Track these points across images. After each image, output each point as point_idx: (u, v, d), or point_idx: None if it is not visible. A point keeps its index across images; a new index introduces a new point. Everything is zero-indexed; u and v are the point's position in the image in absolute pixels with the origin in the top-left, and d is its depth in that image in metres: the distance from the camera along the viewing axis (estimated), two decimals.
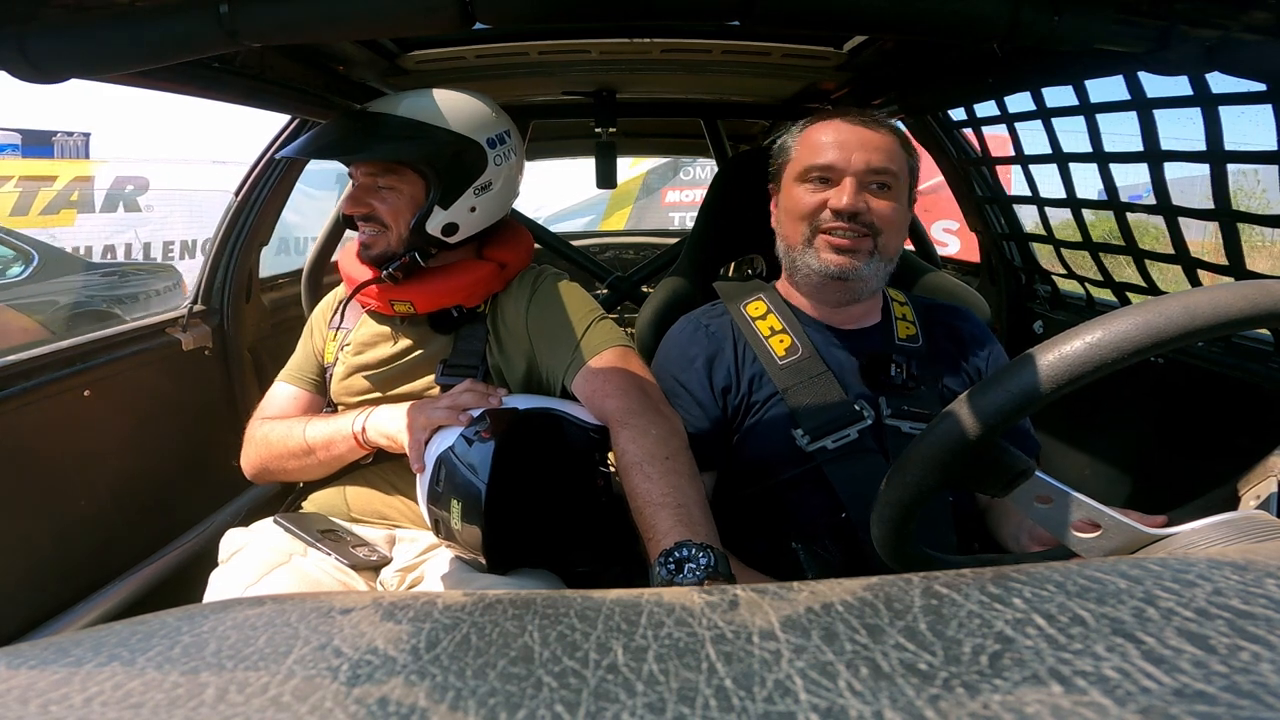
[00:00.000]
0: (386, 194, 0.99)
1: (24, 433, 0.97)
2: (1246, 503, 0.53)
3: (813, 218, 0.90)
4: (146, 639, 0.26)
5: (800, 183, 0.92)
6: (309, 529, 0.95)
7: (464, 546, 0.85)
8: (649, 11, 0.80)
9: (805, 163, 0.91)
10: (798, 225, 0.92)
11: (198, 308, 1.38)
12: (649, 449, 0.81)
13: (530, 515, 0.87)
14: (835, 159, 0.89)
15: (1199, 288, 0.44)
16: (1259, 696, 0.19)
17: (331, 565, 0.92)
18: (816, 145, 0.91)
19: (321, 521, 1.00)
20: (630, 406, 0.87)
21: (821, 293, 0.93)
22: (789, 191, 0.94)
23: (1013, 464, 0.49)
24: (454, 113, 0.99)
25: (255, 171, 1.42)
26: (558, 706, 0.20)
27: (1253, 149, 0.93)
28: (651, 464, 0.79)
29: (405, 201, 0.99)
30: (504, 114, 1.04)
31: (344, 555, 0.92)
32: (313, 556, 0.93)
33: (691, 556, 0.67)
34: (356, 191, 1.01)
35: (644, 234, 2.87)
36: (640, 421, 0.85)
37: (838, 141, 0.90)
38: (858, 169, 0.88)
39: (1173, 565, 0.26)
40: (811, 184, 0.91)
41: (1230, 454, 0.59)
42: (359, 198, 1.00)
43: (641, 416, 0.86)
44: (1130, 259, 1.23)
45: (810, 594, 0.26)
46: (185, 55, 0.72)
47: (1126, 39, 0.74)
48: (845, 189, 0.88)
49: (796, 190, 0.92)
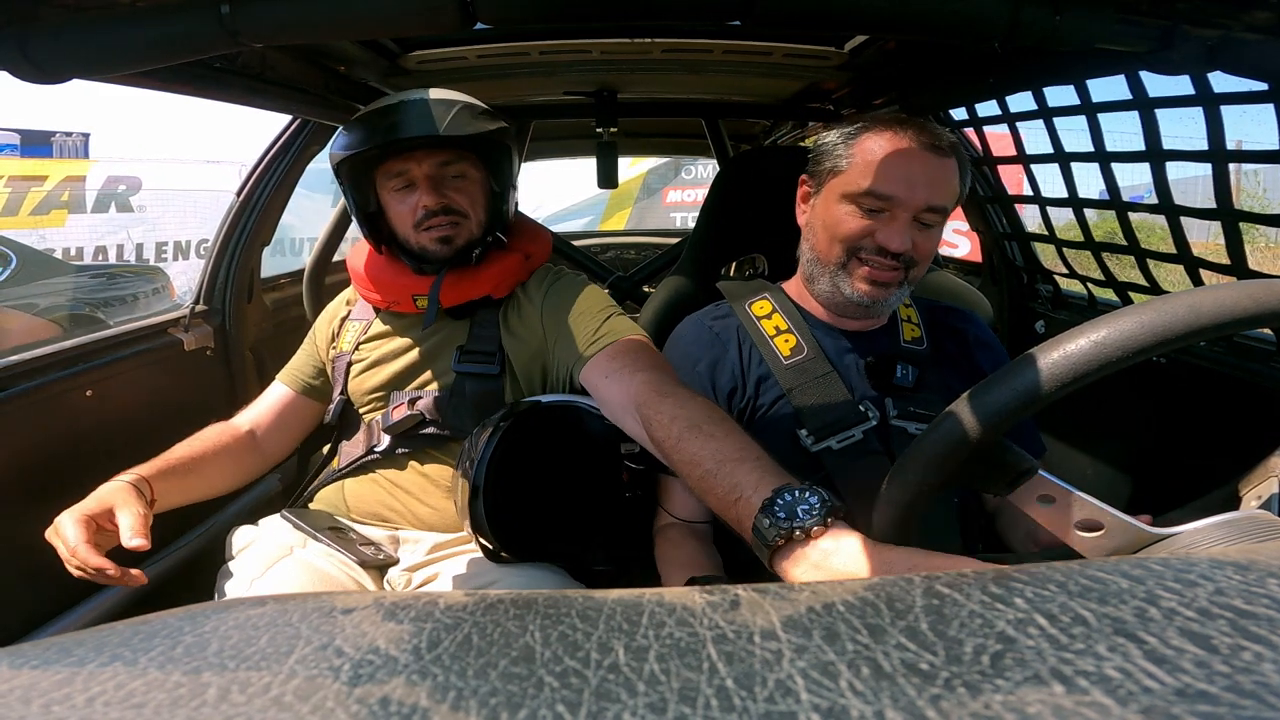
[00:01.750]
0: (460, 183, 1.01)
1: (27, 433, 0.97)
2: (1248, 502, 0.53)
3: (854, 244, 0.85)
4: (148, 639, 0.26)
5: (847, 201, 0.84)
6: (316, 525, 0.96)
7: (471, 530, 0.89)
8: (649, 11, 0.80)
9: (861, 184, 0.83)
10: (835, 246, 0.86)
11: (199, 308, 1.38)
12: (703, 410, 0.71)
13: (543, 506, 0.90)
14: (898, 193, 0.81)
15: (1203, 287, 0.44)
16: (1261, 696, 0.19)
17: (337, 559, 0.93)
18: (878, 168, 0.82)
19: (328, 519, 1.00)
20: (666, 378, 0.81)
21: (840, 310, 0.91)
22: (831, 206, 0.86)
23: (1016, 463, 0.48)
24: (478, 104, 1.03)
25: (257, 171, 1.42)
26: (559, 706, 0.20)
27: (1254, 148, 0.93)
28: (711, 424, 0.68)
29: (478, 188, 1.03)
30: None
31: (351, 552, 0.92)
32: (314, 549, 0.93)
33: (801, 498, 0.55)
34: (429, 185, 0.99)
35: (645, 234, 2.87)
36: (680, 391, 0.77)
37: (903, 171, 0.81)
38: (917, 206, 0.82)
39: (1175, 565, 0.26)
40: (862, 208, 0.84)
41: (1232, 454, 0.59)
42: (437, 189, 0.99)
43: (680, 386, 0.79)
44: (1132, 259, 1.23)
45: (811, 594, 0.26)
46: (186, 55, 0.72)
47: (1128, 38, 0.74)
48: (899, 228, 0.82)
49: (840, 209, 0.85)
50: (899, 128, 0.84)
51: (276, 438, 1.10)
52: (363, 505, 1.03)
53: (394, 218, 1.03)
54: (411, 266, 1.04)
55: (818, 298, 0.93)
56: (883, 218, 0.83)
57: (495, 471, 0.84)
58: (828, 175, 0.87)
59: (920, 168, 0.82)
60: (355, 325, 1.10)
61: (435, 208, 0.99)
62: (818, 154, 0.90)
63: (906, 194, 0.81)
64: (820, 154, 0.90)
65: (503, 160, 1.04)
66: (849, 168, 0.85)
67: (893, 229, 0.82)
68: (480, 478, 0.84)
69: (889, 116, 0.86)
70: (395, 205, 1.02)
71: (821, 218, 0.88)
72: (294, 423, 1.11)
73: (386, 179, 1.01)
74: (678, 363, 0.93)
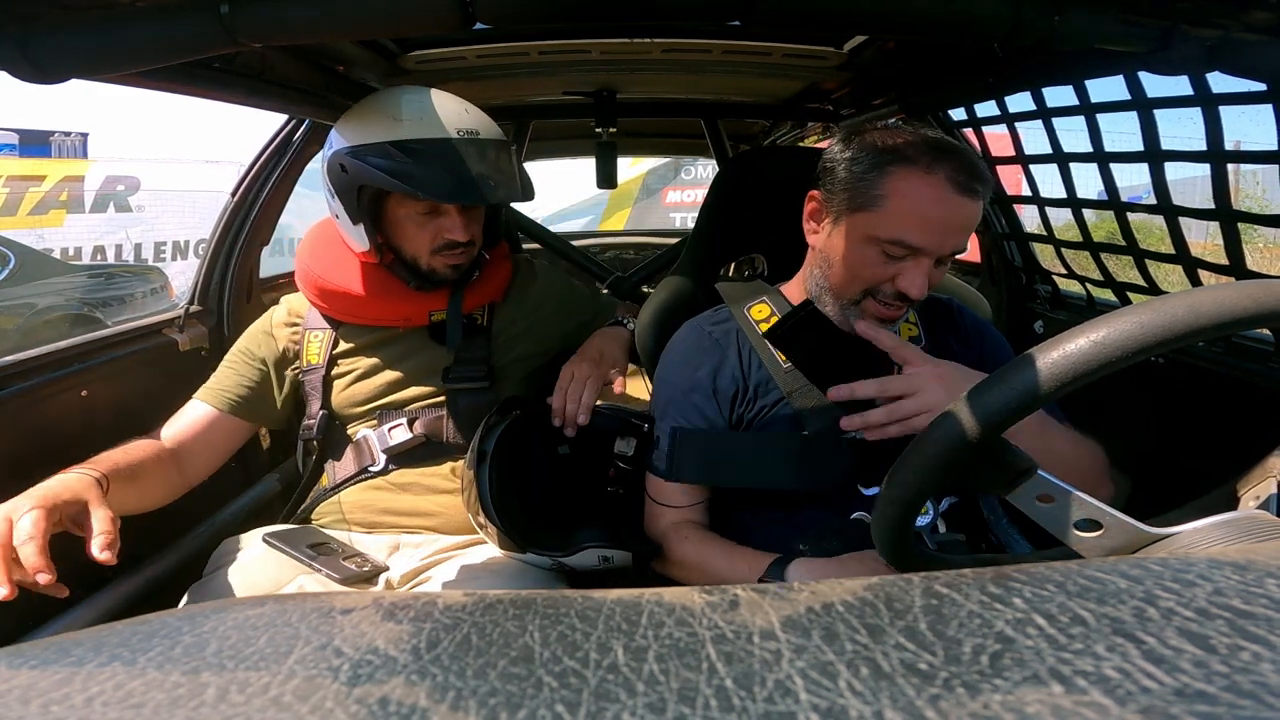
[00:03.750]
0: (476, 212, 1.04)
1: (22, 433, 0.97)
2: (1246, 503, 0.53)
3: (873, 286, 0.82)
4: (147, 639, 0.26)
5: (872, 245, 0.80)
6: (298, 545, 0.93)
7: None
8: (649, 11, 0.80)
9: (895, 234, 0.78)
10: (853, 285, 0.83)
11: (194, 308, 1.38)
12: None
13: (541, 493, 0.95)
14: (929, 244, 0.78)
15: (1203, 287, 0.44)
16: (1259, 696, 0.19)
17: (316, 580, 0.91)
18: (912, 218, 0.77)
19: (312, 535, 0.99)
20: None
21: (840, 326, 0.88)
22: (854, 242, 0.81)
23: (1015, 462, 0.49)
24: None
25: (253, 171, 1.42)
26: (558, 706, 0.20)
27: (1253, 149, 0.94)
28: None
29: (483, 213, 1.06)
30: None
31: (334, 570, 0.91)
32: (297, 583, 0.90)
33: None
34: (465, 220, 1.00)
35: (644, 234, 2.87)
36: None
37: (941, 223, 0.77)
38: (944, 253, 0.79)
39: (1173, 565, 0.26)
40: (885, 254, 0.80)
41: (1230, 454, 0.59)
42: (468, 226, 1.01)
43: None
44: (1131, 259, 1.23)
45: (810, 594, 0.26)
46: (186, 55, 0.72)
47: (1127, 39, 0.74)
48: (921, 276, 0.79)
49: (864, 251, 0.81)
50: (933, 165, 0.77)
51: (201, 458, 1.01)
52: (362, 514, 1.02)
53: (404, 236, 1.01)
54: (411, 284, 1.04)
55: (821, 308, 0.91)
56: (905, 264, 0.79)
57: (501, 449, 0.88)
58: (852, 208, 0.81)
59: (957, 215, 0.78)
60: (317, 337, 1.06)
61: (466, 240, 1.01)
62: (838, 178, 0.83)
63: (937, 245, 0.78)
64: (842, 181, 0.82)
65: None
66: (882, 210, 0.79)
67: (914, 277, 0.79)
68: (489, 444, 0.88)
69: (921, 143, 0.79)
70: (411, 227, 1.00)
71: (841, 252, 0.83)
72: (220, 443, 1.04)
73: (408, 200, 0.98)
74: (679, 369, 0.93)
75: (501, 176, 0.99)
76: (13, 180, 6.83)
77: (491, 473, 0.86)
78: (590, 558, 0.88)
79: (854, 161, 0.81)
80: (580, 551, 0.87)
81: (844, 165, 0.82)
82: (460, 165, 0.95)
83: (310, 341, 1.07)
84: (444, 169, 0.95)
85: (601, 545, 0.87)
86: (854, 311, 0.84)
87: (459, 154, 0.96)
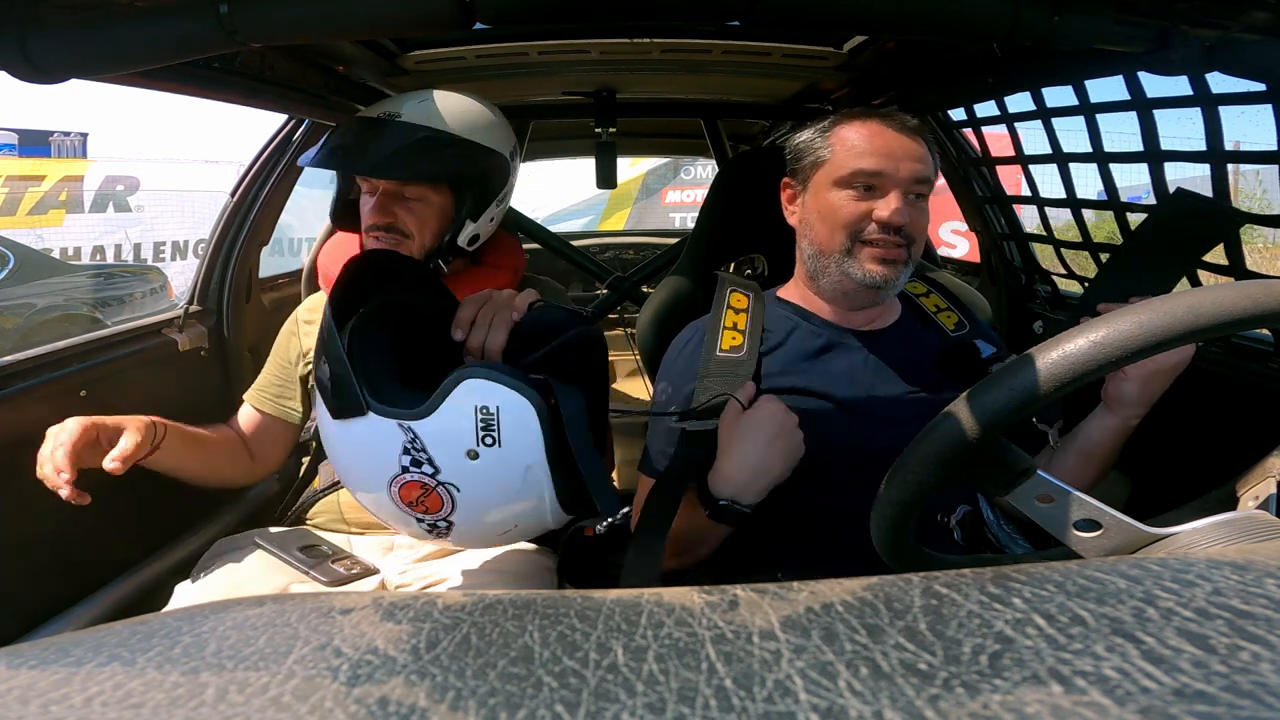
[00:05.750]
0: (415, 205, 0.99)
1: (21, 433, 0.97)
2: (1245, 503, 0.53)
3: (855, 226, 0.85)
4: (146, 639, 0.26)
5: (840, 188, 0.86)
6: (288, 547, 0.94)
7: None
8: (649, 11, 0.81)
9: (848, 167, 0.85)
10: (836, 233, 0.86)
11: (194, 308, 1.38)
12: None
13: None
14: (884, 167, 0.84)
15: (1202, 287, 0.44)
16: (1259, 696, 0.19)
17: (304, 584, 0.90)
18: (859, 150, 0.85)
19: (304, 537, 0.98)
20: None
21: (850, 299, 0.90)
22: (823, 196, 0.88)
23: (1015, 462, 0.49)
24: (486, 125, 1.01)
25: (251, 172, 1.42)
26: (558, 706, 0.20)
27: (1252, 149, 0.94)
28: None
29: (433, 212, 1.00)
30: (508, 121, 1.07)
31: (323, 573, 0.91)
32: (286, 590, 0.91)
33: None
34: (382, 200, 0.99)
35: (644, 234, 2.87)
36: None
37: (884, 149, 0.84)
38: (904, 179, 0.84)
39: (1172, 565, 0.26)
40: (854, 190, 0.85)
41: (1230, 454, 0.59)
42: (385, 207, 0.98)
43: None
44: None
45: (810, 594, 0.26)
46: (185, 55, 0.72)
47: (1127, 39, 0.74)
48: (894, 201, 0.83)
49: (834, 196, 0.86)
50: (867, 115, 0.88)
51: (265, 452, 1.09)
52: (357, 515, 1.02)
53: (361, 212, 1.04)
54: None
55: (825, 292, 0.92)
56: (876, 195, 0.85)
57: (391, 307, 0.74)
58: (811, 169, 0.90)
59: (899, 144, 0.85)
60: None
61: (379, 224, 0.99)
62: (796, 153, 0.93)
63: (893, 167, 0.84)
64: (799, 152, 0.92)
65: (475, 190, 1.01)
66: (832, 156, 0.87)
67: (889, 202, 0.83)
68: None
69: (857, 109, 0.90)
70: (362, 203, 1.03)
71: (816, 210, 0.89)
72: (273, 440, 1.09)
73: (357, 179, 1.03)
74: (681, 369, 0.92)
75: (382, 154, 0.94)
76: (12, 180, 6.83)
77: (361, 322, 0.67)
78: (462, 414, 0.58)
79: (804, 135, 0.92)
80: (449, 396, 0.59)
81: (799, 145, 0.92)
82: (347, 138, 0.98)
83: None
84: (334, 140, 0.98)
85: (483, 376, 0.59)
86: (853, 264, 0.86)
87: (357, 130, 0.98)
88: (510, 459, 0.60)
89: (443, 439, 0.60)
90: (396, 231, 0.99)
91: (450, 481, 0.61)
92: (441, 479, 0.61)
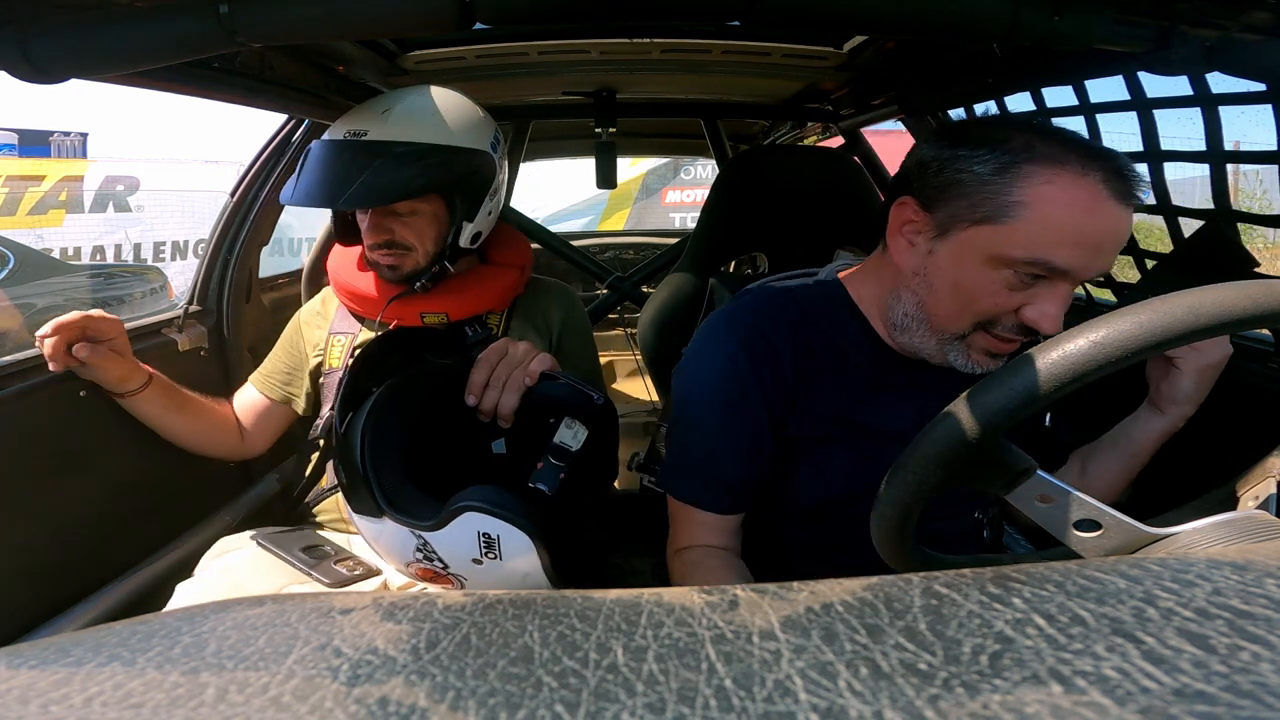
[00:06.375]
0: (408, 218, 0.99)
1: (20, 433, 0.97)
2: (1246, 503, 0.53)
3: (991, 317, 0.66)
4: (146, 639, 0.26)
5: (1001, 267, 0.63)
6: (290, 547, 0.94)
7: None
8: (649, 11, 0.80)
9: (1036, 250, 0.61)
10: (965, 317, 0.67)
11: (194, 308, 1.38)
12: None
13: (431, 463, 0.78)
14: (1078, 266, 0.61)
15: (1201, 286, 0.44)
16: (1259, 696, 0.19)
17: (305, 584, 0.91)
18: (1064, 235, 0.60)
19: (306, 537, 0.98)
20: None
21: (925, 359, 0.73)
22: (971, 264, 0.64)
23: (1015, 463, 0.49)
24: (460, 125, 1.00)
25: (251, 172, 1.42)
26: (558, 706, 0.20)
27: (1252, 149, 0.94)
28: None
29: (429, 221, 1.00)
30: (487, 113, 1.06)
31: (325, 573, 0.91)
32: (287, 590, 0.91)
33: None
34: (375, 219, 0.99)
35: (644, 234, 2.87)
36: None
37: (1098, 239, 0.61)
38: (1090, 276, 0.63)
39: (1172, 565, 0.26)
40: (1018, 277, 0.63)
41: (1230, 454, 0.59)
42: (380, 225, 0.99)
43: None
44: (1130, 259, 1.23)
45: (810, 594, 0.26)
46: (185, 55, 0.72)
47: (1126, 39, 0.74)
48: (1058, 303, 0.63)
49: (988, 275, 0.64)
50: (1087, 166, 0.60)
51: (257, 435, 1.13)
52: None
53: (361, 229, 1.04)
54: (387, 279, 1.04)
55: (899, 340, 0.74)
56: (1039, 289, 0.63)
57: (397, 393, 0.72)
58: (971, 220, 0.64)
59: (1111, 230, 0.61)
60: (339, 341, 1.09)
61: (378, 243, 1.00)
62: (946, 181, 0.65)
63: (1085, 267, 0.62)
64: (953, 183, 0.65)
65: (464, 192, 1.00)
66: (1015, 221, 0.61)
67: (1050, 307, 0.63)
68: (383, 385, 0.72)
69: (1063, 141, 0.62)
70: (359, 220, 1.03)
71: (950, 276, 0.66)
72: (268, 424, 1.14)
73: None
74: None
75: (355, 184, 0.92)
76: (12, 180, 6.83)
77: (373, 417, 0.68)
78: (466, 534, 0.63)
79: (973, 159, 0.64)
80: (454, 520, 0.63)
81: (957, 165, 0.65)
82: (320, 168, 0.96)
83: (333, 346, 1.09)
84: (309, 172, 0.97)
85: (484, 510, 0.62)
86: (959, 351, 0.69)
87: (327, 157, 0.97)
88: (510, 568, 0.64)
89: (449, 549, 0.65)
90: (397, 247, 1.00)
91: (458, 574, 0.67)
92: (451, 571, 0.67)
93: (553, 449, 0.70)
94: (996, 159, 0.63)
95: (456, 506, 0.62)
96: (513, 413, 0.72)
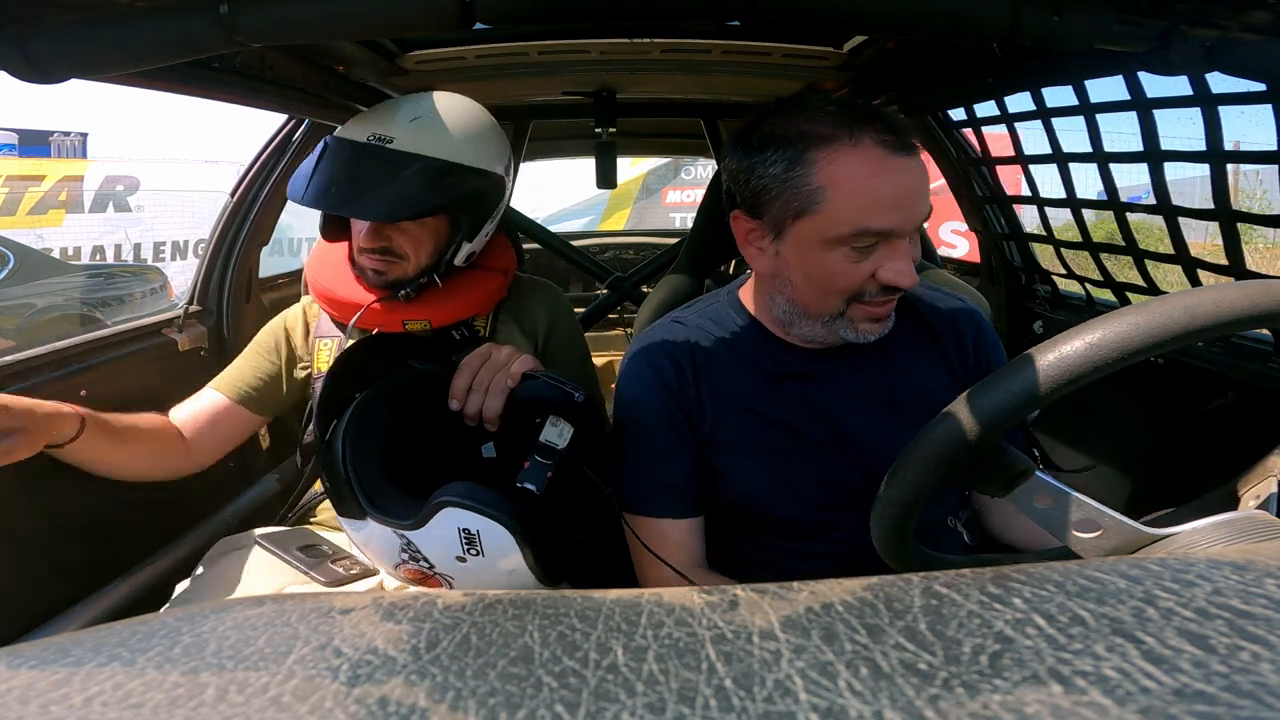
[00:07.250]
0: (410, 228, 0.98)
1: None
2: (1246, 503, 0.53)
3: (854, 291, 0.70)
4: (146, 639, 0.26)
5: (834, 247, 0.68)
6: (288, 546, 0.93)
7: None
8: (649, 11, 0.80)
9: (851, 226, 0.66)
10: (830, 299, 0.71)
11: (194, 308, 1.38)
12: None
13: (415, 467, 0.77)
14: (898, 223, 0.66)
15: (1199, 287, 0.44)
16: (1259, 697, 0.19)
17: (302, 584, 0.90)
18: (865, 202, 0.65)
19: (304, 537, 0.98)
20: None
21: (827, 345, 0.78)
22: (811, 255, 0.69)
23: (1013, 464, 0.49)
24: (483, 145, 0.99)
25: (251, 172, 1.42)
26: (558, 706, 0.20)
27: (1252, 149, 0.94)
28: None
29: (429, 235, 0.99)
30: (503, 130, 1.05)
31: (323, 573, 0.90)
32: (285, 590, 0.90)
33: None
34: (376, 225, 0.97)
35: (644, 234, 2.87)
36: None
37: (895, 196, 0.66)
38: (913, 227, 0.68)
39: (1172, 565, 0.26)
40: (855, 251, 0.68)
41: (1230, 454, 0.59)
42: (381, 233, 0.97)
43: None
44: (1130, 259, 1.24)
45: (810, 594, 0.26)
46: (185, 55, 0.72)
47: (1126, 39, 0.74)
48: (903, 258, 0.68)
49: (828, 258, 0.68)
50: (855, 134, 0.66)
51: (208, 444, 1.03)
52: None
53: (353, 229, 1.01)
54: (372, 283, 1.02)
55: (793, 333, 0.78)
56: (880, 252, 0.68)
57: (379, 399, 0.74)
58: (789, 218, 0.69)
59: (907, 181, 0.67)
60: (326, 345, 1.07)
61: (373, 248, 0.98)
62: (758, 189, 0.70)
63: (904, 220, 0.67)
64: (761, 189, 0.70)
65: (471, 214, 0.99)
66: (824, 207, 0.67)
67: (898, 263, 0.68)
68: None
69: (828, 116, 0.69)
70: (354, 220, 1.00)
71: (800, 269, 0.71)
72: (228, 432, 1.05)
73: None
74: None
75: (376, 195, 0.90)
76: (12, 180, 6.83)
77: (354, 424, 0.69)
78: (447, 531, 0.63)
79: (767, 163, 0.69)
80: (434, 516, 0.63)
81: (757, 172, 0.70)
82: (340, 170, 0.94)
83: (320, 350, 1.07)
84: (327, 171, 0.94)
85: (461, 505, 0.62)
86: (844, 325, 0.73)
87: (349, 158, 0.94)
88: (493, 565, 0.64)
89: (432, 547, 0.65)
90: (391, 254, 0.98)
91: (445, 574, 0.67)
92: (437, 571, 0.67)
93: (539, 448, 0.69)
94: (783, 156, 0.68)
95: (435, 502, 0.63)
96: (498, 416, 0.72)
